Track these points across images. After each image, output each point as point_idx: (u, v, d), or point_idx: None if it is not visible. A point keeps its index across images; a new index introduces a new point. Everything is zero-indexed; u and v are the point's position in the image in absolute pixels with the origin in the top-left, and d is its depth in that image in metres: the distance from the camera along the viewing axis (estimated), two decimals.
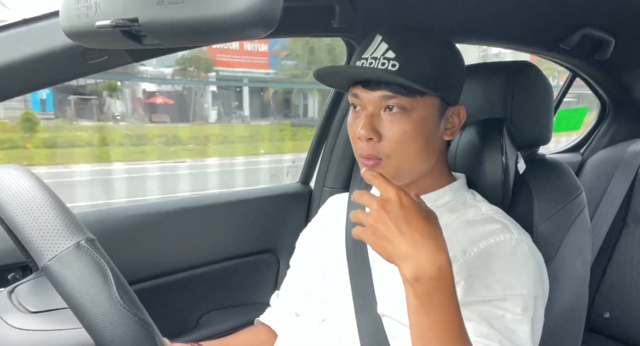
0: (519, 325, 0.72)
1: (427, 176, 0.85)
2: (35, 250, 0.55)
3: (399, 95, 0.76)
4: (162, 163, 7.41)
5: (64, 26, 0.66)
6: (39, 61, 0.79)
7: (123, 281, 0.55)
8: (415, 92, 0.76)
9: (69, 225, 0.56)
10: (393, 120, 0.77)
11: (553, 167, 1.02)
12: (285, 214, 1.47)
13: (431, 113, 0.79)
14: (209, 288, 1.34)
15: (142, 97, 10.52)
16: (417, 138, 0.78)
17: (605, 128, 1.96)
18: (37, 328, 0.64)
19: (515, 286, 0.74)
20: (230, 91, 11.16)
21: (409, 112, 0.77)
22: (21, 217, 0.56)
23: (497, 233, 0.78)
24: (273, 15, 0.51)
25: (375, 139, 0.77)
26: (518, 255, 0.76)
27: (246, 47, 12.13)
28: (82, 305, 0.52)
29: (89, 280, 0.53)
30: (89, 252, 0.55)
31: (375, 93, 0.77)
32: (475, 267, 0.76)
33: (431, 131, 0.80)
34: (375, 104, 0.78)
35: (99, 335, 0.52)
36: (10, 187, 0.60)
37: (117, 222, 1.19)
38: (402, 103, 0.76)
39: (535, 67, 1.01)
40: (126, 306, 0.53)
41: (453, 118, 0.83)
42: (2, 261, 1.00)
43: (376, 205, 0.64)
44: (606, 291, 1.62)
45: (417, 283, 0.63)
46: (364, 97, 0.78)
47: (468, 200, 0.87)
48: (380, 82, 0.76)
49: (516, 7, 1.27)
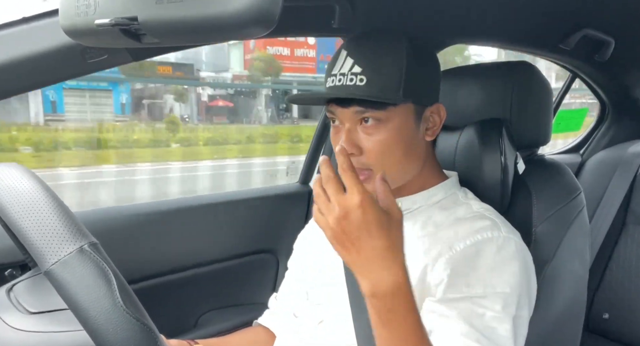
0: (500, 323, 0.71)
1: (417, 177, 0.86)
2: (38, 254, 0.54)
3: (370, 109, 0.77)
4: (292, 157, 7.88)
5: (64, 25, 0.66)
6: (38, 60, 0.79)
7: (126, 286, 0.55)
8: (387, 104, 0.77)
9: (72, 229, 0.56)
10: (370, 132, 0.78)
11: (552, 167, 1.02)
12: (285, 214, 1.47)
13: (407, 120, 0.80)
14: (208, 288, 1.34)
15: (206, 100, 11.70)
16: (397, 146, 0.79)
17: (604, 129, 1.96)
18: (36, 329, 0.64)
19: (496, 284, 0.73)
20: (279, 94, 11.91)
21: (385, 123, 0.78)
22: (24, 220, 0.56)
23: (485, 230, 0.78)
24: (272, 14, 0.51)
25: (357, 153, 0.79)
26: (504, 253, 0.76)
27: (296, 53, 12.90)
28: (85, 310, 0.52)
29: (92, 285, 0.53)
30: (92, 256, 0.55)
31: (349, 109, 0.78)
32: (460, 264, 0.76)
33: (410, 137, 0.81)
34: (351, 119, 0.79)
35: (102, 340, 0.52)
36: (13, 188, 0.59)
37: (116, 221, 1.19)
38: (376, 116, 0.78)
39: (535, 68, 1.01)
40: (129, 311, 0.53)
41: (433, 117, 0.84)
42: (2, 260, 1.00)
43: (338, 212, 0.62)
44: (605, 292, 1.61)
45: (374, 299, 0.63)
46: (339, 113, 0.80)
47: (459, 198, 0.87)
48: (352, 99, 0.78)
49: (516, 8, 1.27)
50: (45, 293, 0.68)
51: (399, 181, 0.84)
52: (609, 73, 1.72)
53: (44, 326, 0.65)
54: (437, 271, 0.77)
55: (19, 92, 0.84)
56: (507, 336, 0.71)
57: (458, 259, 0.77)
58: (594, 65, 1.63)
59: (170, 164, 7.66)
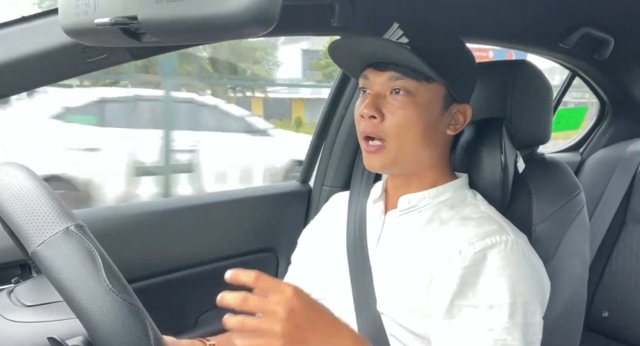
0: (509, 333, 0.71)
1: (428, 171, 0.86)
2: (24, 237, 0.54)
3: (406, 77, 0.78)
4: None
5: (63, 24, 0.66)
6: (38, 59, 0.79)
7: (113, 267, 0.55)
8: (422, 77, 0.78)
9: (58, 212, 0.56)
10: (397, 102, 0.79)
11: (552, 166, 1.02)
12: (285, 213, 1.47)
13: (435, 101, 0.81)
14: (208, 287, 1.33)
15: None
16: (418, 122, 0.79)
17: (604, 127, 1.96)
18: (31, 320, 0.64)
19: (504, 293, 0.73)
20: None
21: (414, 96, 0.79)
22: (11, 205, 0.56)
23: (493, 234, 0.78)
24: (272, 13, 0.51)
25: (378, 118, 0.79)
26: (512, 258, 0.76)
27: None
28: (71, 289, 0.52)
29: (78, 265, 0.53)
30: (78, 237, 0.55)
31: (384, 74, 0.80)
32: (469, 271, 0.75)
33: (433, 119, 0.81)
34: (383, 85, 0.80)
35: (88, 320, 0.52)
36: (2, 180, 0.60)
37: (116, 221, 1.19)
38: (408, 87, 0.78)
39: (535, 66, 1.01)
40: (115, 290, 0.52)
41: (457, 115, 0.85)
42: (2, 259, 1.00)
43: (281, 311, 0.58)
44: (605, 291, 1.62)
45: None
46: (373, 78, 0.81)
47: (468, 198, 0.87)
48: (390, 64, 0.79)
49: (516, 7, 1.27)
50: (43, 289, 0.68)
51: (409, 165, 0.83)
52: (608, 71, 1.72)
53: (38, 317, 0.65)
54: (446, 278, 0.76)
55: (18, 92, 0.84)
56: (517, 344, 0.71)
57: (467, 265, 0.76)
58: (593, 63, 1.63)
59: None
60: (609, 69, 1.68)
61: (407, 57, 0.76)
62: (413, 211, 0.86)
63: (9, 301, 0.68)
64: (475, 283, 0.74)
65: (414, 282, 0.79)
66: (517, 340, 0.71)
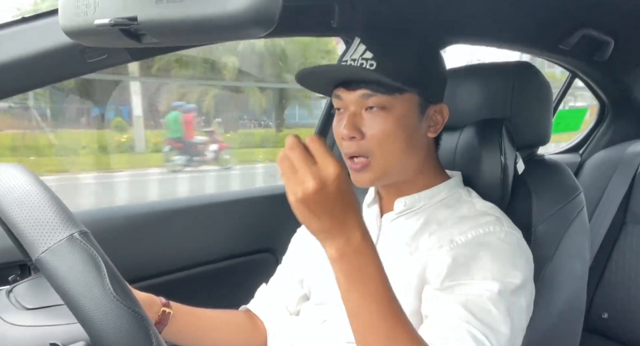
0: (495, 304, 0.70)
1: (419, 175, 0.86)
2: (28, 243, 0.54)
3: (377, 93, 0.78)
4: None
5: (63, 25, 0.66)
6: (38, 59, 0.79)
7: (117, 274, 0.55)
8: (394, 90, 0.78)
9: (63, 218, 0.56)
10: (374, 118, 0.79)
11: (552, 167, 1.02)
12: (284, 213, 1.46)
13: (411, 110, 0.80)
14: (207, 288, 1.34)
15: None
16: (398, 135, 0.79)
17: (604, 129, 1.96)
18: (32, 324, 0.64)
19: (496, 273, 0.73)
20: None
21: (389, 110, 0.79)
22: (15, 211, 0.56)
23: (487, 225, 0.79)
24: (272, 14, 0.51)
25: (358, 137, 0.79)
26: (505, 245, 0.77)
27: None
28: (75, 297, 0.52)
29: (82, 272, 0.52)
30: (82, 244, 0.54)
31: (356, 92, 0.79)
32: (460, 255, 0.76)
33: (412, 128, 0.81)
34: (356, 103, 0.80)
35: (92, 328, 0.51)
36: (5, 183, 0.59)
37: (115, 221, 1.19)
38: (381, 102, 0.78)
39: (535, 68, 1.01)
40: (119, 298, 0.52)
41: (436, 116, 0.85)
42: (1, 260, 1.00)
43: (313, 184, 0.59)
44: (605, 292, 1.61)
45: (342, 261, 0.62)
46: (345, 97, 0.81)
47: (463, 197, 0.88)
48: (360, 82, 0.78)
49: (515, 8, 1.27)
50: (43, 291, 0.68)
51: (398, 174, 0.84)
52: (608, 73, 1.72)
53: (40, 321, 0.64)
54: (438, 264, 0.77)
55: (18, 92, 0.84)
56: (501, 318, 0.70)
57: (459, 250, 0.76)
58: (593, 64, 1.63)
59: None
60: (609, 70, 1.68)
61: (375, 76, 0.76)
62: (409, 213, 0.86)
63: (8, 302, 0.68)
64: (468, 265, 0.74)
65: (413, 285, 0.79)
66: (501, 312, 0.70)
